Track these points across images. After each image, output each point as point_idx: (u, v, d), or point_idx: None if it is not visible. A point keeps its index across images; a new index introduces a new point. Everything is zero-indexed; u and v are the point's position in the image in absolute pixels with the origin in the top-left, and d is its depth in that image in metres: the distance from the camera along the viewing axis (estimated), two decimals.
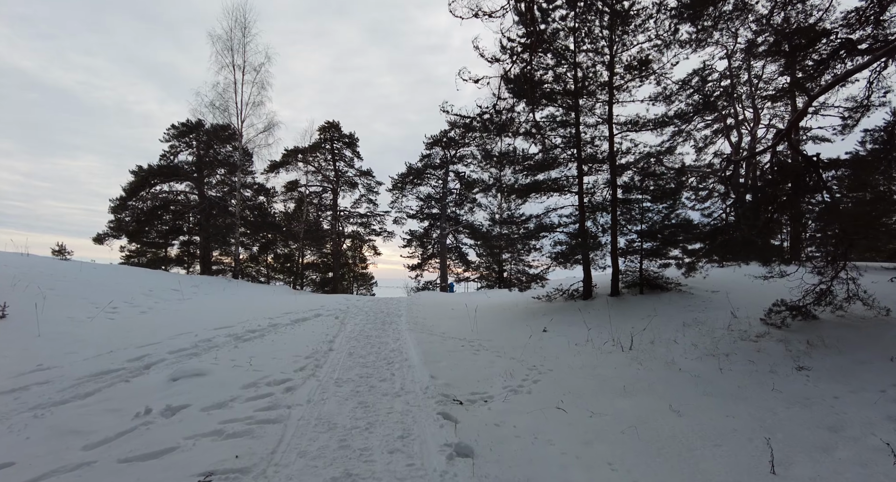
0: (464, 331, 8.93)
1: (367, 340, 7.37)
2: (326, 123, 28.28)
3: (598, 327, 8.99)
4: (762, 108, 23.60)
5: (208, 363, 5.32)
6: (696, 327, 8.37)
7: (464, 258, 32.96)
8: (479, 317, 10.45)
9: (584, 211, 12.35)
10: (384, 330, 8.31)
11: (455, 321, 10.14)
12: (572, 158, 12.79)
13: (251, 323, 8.17)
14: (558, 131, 13.09)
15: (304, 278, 31.10)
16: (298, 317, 9.01)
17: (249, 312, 9.67)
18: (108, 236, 21.81)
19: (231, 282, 17.17)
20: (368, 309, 11.15)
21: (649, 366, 6.48)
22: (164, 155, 23.72)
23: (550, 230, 12.53)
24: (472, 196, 31.40)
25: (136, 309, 11.43)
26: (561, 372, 6.20)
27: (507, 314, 11.19)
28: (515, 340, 8.28)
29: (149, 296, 13.21)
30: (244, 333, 7.17)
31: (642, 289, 11.96)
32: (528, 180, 13.08)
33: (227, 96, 18.85)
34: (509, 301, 13.64)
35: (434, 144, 30.45)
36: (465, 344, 7.61)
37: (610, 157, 12.02)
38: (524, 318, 10.73)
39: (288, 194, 28.68)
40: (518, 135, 13.22)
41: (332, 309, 10.53)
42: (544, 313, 11.18)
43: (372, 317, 9.67)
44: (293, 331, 7.58)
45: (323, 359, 5.93)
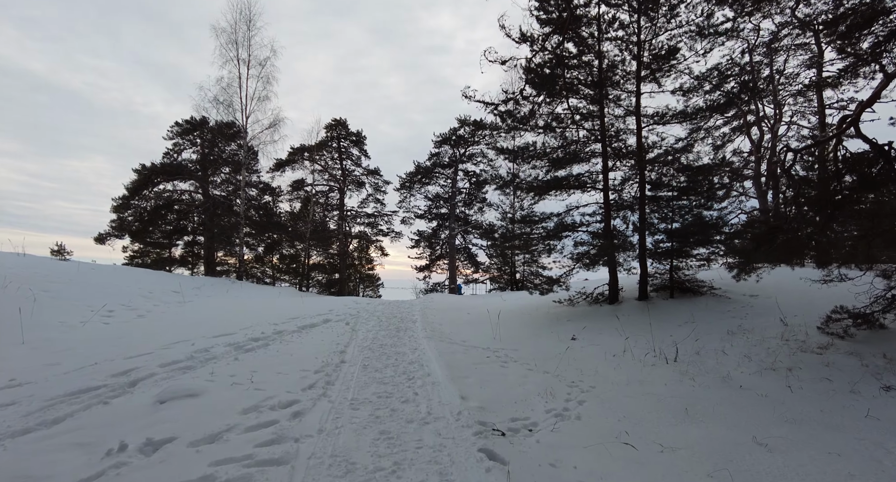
0: (485, 338, 8.18)
1: (381, 350, 6.63)
2: (333, 121, 27.63)
3: (632, 335, 8.20)
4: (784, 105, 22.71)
5: (203, 379, 4.59)
6: (742, 336, 7.57)
7: (473, 259, 32.21)
8: (500, 323, 9.69)
9: (609, 209, 11.56)
10: (399, 338, 7.58)
11: (474, 327, 9.39)
12: (596, 153, 12.02)
13: (254, 329, 7.46)
14: (581, 124, 12.31)
15: (309, 280, 30.45)
16: (306, 322, 8.29)
17: (253, 317, 8.97)
18: (109, 236, 21.25)
19: (235, 283, 16.53)
20: (380, 314, 10.41)
21: (703, 381, 5.69)
22: (168, 153, 23.16)
23: (573, 229, 11.74)
24: (483, 195, 30.66)
25: (134, 312, 10.78)
26: (605, 389, 5.42)
27: (528, 320, 10.42)
28: (544, 350, 7.51)
29: (148, 298, 12.57)
30: (246, 342, 6.45)
31: (673, 292, 11.16)
32: (547, 176, 12.30)
33: (232, 91, 18.25)
34: (528, 305, 12.86)
35: (443, 142, 29.75)
36: (491, 354, 6.85)
37: (638, 151, 11.23)
38: (548, 325, 9.95)
39: (294, 193, 28.07)
40: (537, 128, 12.44)
41: (342, 313, 9.80)
42: (569, 319, 10.40)
43: (385, 323, 8.94)
44: (300, 340, 6.86)
45: (335, 374, 5.19)
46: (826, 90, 20.47)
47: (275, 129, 19.40)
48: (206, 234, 24.07)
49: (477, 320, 10.32)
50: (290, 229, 26.92)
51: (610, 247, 11.15)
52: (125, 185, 21.87)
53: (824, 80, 20.20)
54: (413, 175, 30.14)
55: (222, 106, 18.04)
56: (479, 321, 10.18)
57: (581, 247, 11.99)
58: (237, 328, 7.63)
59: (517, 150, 11.86)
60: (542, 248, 11.85)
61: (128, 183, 21.95)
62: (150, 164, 21.97)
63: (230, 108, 18.30)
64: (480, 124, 28.37)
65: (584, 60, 11.23)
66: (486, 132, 29.02)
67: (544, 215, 12.02)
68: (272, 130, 19.31)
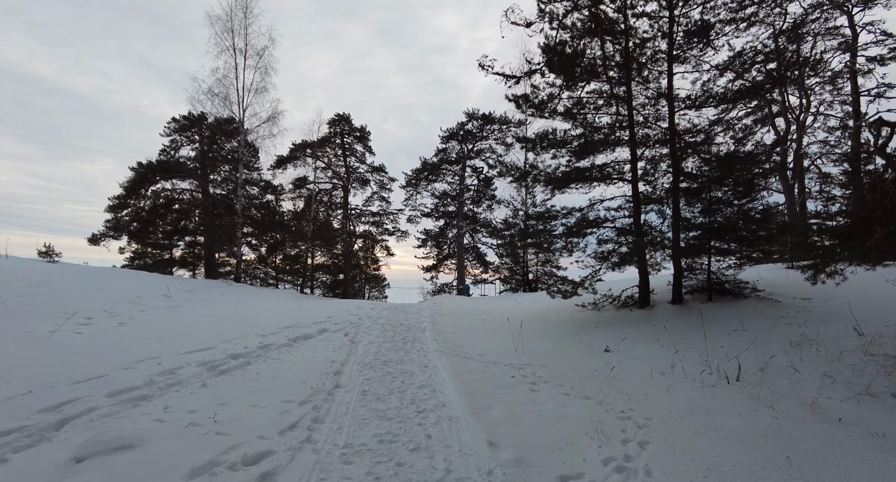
0: (506, 351, 7.07)
1: (385, 368, 5.55)
2: (336, 116, 26.63)
3: (677, 346, 7.06)
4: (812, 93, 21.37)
5: (152, 418, 3.53)
6: (811, 348, 6.40)
7: (482, 259, 31.10)
8: (521, 331, 8.58)
9: (639, 202, 10.40)
10: (407, 351, 6.49)
11: (491, 337, 8.29)
12: (623, 141, 10.86)
13: (238, 343, 6.40)
14: (606, 109, 11.15)
15: (313, 281, 29.47)
16: (299, 333, 7.22)
17: (241, 326, 7.93)
18: (104, 236, 20.38)
19: (231, 286, 15.55)
20: (385, 320, 9.32)
21: (786, 411, 4.55)
22: (165, 150, 22.26)
23: (598, 225, 10.60)
24: (492, 192, 29.54)
25: (115, 319, 9.80)
26: (667, 422, 4.30)
27: (550, 327, 9.30)
28: (577, 366, 6.39)
29: (134, 303, 11.60)
30: (224, 360, 5.40)
31: (710, 295, 9.98)
32: (568, 167, 11.14)
33: (228, 83, 17.26)
34: (547, 309, 11.73)
35: (450, 138, 28.66)
36: (516, 373, 5.74)
37: (671, 137, 10.06)
38: (574, 333, 8.82)
39: (296, 192, 27.07)
40: (556, 115, 11.29)
41: (341, 321, 8.72)
42: (596, 325, 9.27)
43: (390, 332, 7.84)
44: (289, 357, 5.80)
45: (325, 406, 4.11)
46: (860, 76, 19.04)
47: (274, 123, 18.43)
48: (206, 234, 23.16)
49: (493, 327, 9.21)
50: (292, 229, 25.96)
51: (641, 245, 10.00)
52: (121, 184, 20.99)
53: (858, 67, 18.78)
54: (419, 172, 29.08)
55: (218, 98, 17.09)
56: (495, 328, 9.08)
57: (606, 246, 10.87)
58: (219, 340, 6.58)
59: (536, 137, 10.72)
60: (564, 247, 10.71)
61: (124, 181, 21.06)
62: (146, 162, 21.07)
63: (226, 101, 17.34)
64: (489, 118, 27.24)
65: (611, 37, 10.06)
66: (496, 127, 27.92)
67: (565, 210, 10.87)
68: (271, 124, 18.33)
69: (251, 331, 7.27)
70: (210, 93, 16.85)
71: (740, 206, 9.67)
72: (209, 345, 6.22)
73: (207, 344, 6.29)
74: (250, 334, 7.08)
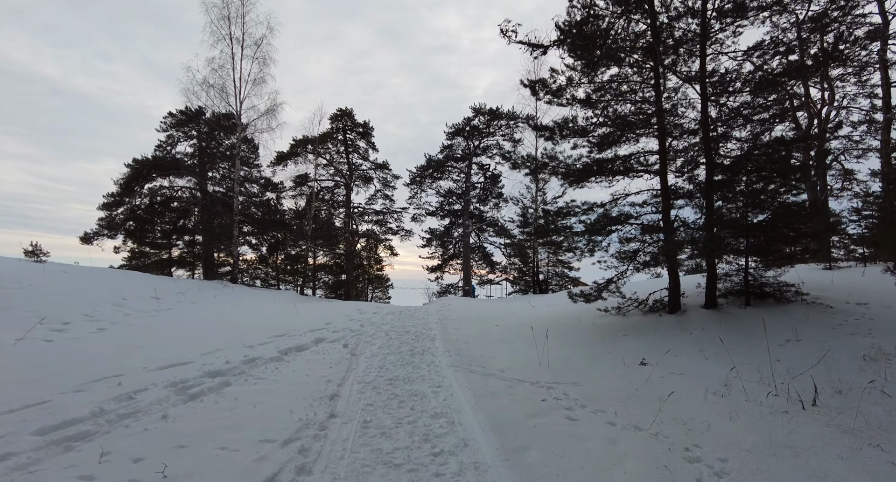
0: (529, 364, 6.15)
1: (391, 390, 4.64)
2: (339, 111, 25.75)
3: (722, 358, 6.12)
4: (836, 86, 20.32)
5: (76, 476, 2.63)
6: (891, 364, 5.45)
7: (488, 258, 30.18)
8: (541, 338, 7.66)
9: (668, 197, 9.46)
10: (416, 366, 5.58)
11: (509, 346, 7.37)
12: (649, 130, 9.93)
13: (219, 356, 5.52)
14: (629, 96, 10.22)
15: (315, 281, 28.62)
16: (292, 343, 6.32)
17: (228, 335, 7.05)
18: (97, 235, 19.58)
19: (227, 287, 14.70)
20: (389, 327, 8.40)
21: None
22: (161, 145, 21.45)
23: (623, 222, 9.66)
24: (498, 190, 28.61)
25: (94, 324, 8.97)
26: (748, 468, 3.38)
27: (572, 334, 8.37)
28: (613, 383, 5.47)
29: (119, 306, 10.76)
30: (198, 379, 4.51)
31: (749, 299, 9.03)
32: (590, 158, 10.20)
33: (224, 73, 16.40)
34: (565, 313, 10.79)
35: (456, 134, 27.75)
36: (546, 394, 4.82)
37: (703, 124, 9.11)
38: (600, 342, 7.89)
39: (297, 189, 26.21)
40: (575, 102, 10.36)
41: (340, 328, 7.81)
42: (624, 333, 8.33)
43: (395, 342, 6.93)
44: (276, 375, 4.89)
45: (315, 447, 3.21)
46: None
47: (272, 116, 17.55)
48: (205, 233, 22.36)
49: (510, 335, 8.29)
50: (293, 228, 25.11)
51: (672, 244, 9.06)
52: (115, 180, 20.21)
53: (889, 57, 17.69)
54: (424, 169, 28.19)
55: (213, 89, 16.22)
56: (512, 336, 8.16)
57: (630, 244, 9.95)
58: (199, 352, 5.69)
59: (555, 125, 9.79)
60: (585, 246, 9.77)
61: (118, 178, 20.27)
62: (141, 157, 20.27)
63: (223, 93, 16.47)
64: (497, 113, 26.32)
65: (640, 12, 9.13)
66: (503, 122, 26.99)
67: (586, 205, 9.93)
68: (269, 116, 17.45)
69: (237, 341, 6.38)
70: (205, 83, 16.02)
71: (783, 201, 8.74)
72: (186, 358, 5.33)
73: (184, 357, 5.40)
74: (236, 344, 6.19)
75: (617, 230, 9.63)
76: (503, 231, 27.84)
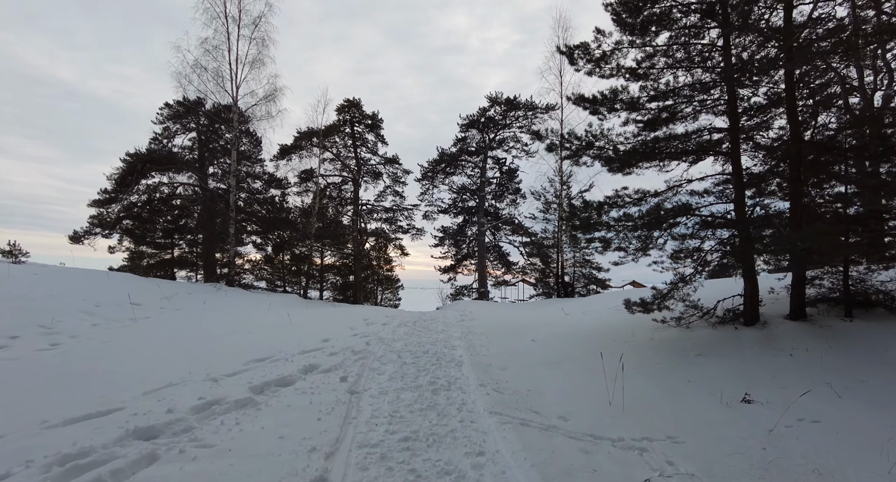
0: (596, 403, 4.49)
1: (409, 463, 2.96)
2: (346, 102, 24.20)
3: (876, 400, 4.39)
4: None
5: None
6: None
7: (504, 258, 28.42)
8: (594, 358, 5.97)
9: (741, 184, 7.72)
10: (442, 412, 3.92)
11: (558, 371, 5.70)
12: (718, 102, 8.20)
13: (165, 397, 3.93)
14: (686, 64, 8.49)
15: (322, 283, 27.10)
16: (271, 374, 4.67)
17: (197, 357, 5.49)
18: (88, 234, 18.24)
19: (220, 290, 13.22)
20: (402, 344, 6.74)
21: None
22: (156, 138, 20.08)
23: (687, 213, 7.94)
24: (516, 185, 26.85)
25: (47, 339, 7.50)
26: None
27: (632, 353, 6.66)
28: (725, 437, 3.78)
29: (90, 314, 9.31)
30: (106, 451, 2.88)
31: (850, 309, 7.25)
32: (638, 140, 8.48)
33: (219, 55, 14.90)
34: (610, 323, 9.08)
35: (470, 126, 26.02)
36: (640, 464, 3.15)
37: (788, 92, 7.36)
38: (671, 364, 6.18)
39: (303, 185, 24.71)
40: (621, 71, 8.66)
41: (340, 347, 6.17)
42: (697, 352, 6.61)
43: (411, 369, 5.26)
44: (234, 438, 3.14)
45: None
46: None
47: (272, 101, 16.03)
48: (204, 232, 20.97)
49: (554, 354, 6.61)
50: (299, 226, 23.63)
51: (747, 242, 7.32)
52: (108, 175, 18.86)
53: None
54: (436, 164, 26.50)
55: (207, 73, 14.74)
56: (558, 356, 6.48)
57: (689, 241, 8.24)
58: (141, 391, 4.11)
59: (601, 96, 8.09)
60: (638, 244, 8.05)
61: (111, 172, 18.94)
62: (135, 151, 18.92)
63: (218, 77, 15.00)
64: (514, 103, 24.55)
65: None
66: (520, 113, 25.24)
67: (638, 195, 8.22)
68: (268, 102, 15.93)
69: (203, 369, 4.80)
70: (197, 66, 14.54)
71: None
72: (117, 401, 3.74)
73: (116, 399, 3.82)
74: (198, 375, 4.60)
75: (679, 223, 7.90)
76: (521, 229, 26.09)
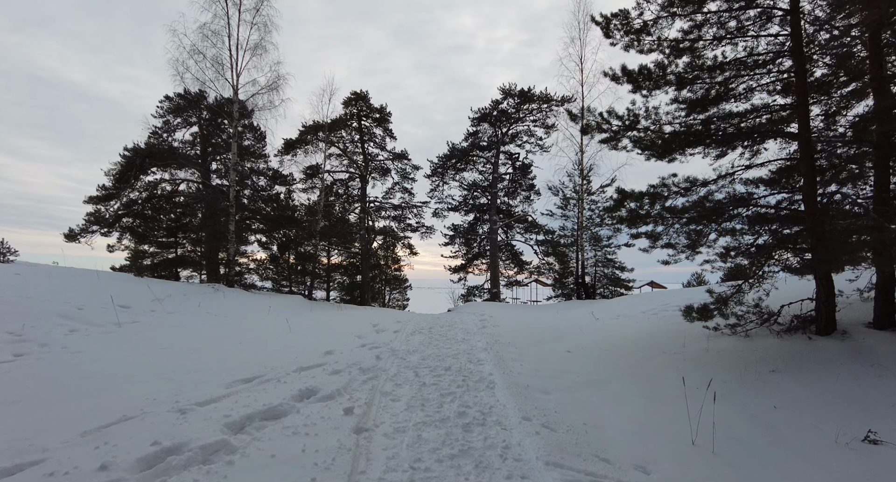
0: (678, 445, 3.43)
1: None
2: (352, 95, 23.22)
3: None
4: None
5: None
6: None
7: (517, 258, 27.33)
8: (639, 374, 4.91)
9: (814, 171, 6.58)
10: (479, 464, 2.72)
11: (610, 393, 4.66)
12: (780, 76, 7.09)
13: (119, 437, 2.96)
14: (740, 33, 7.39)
15: (329, 283, 26.17)
16: (258, 403, 3.62)
17: (171, 375, 4.52)
18: (85, 232, 17.42)
19: (218, 291, 12.30)
20: (418, 358, 5.69)
21: None
22: (156, 132, 19.23)
23: (746, 204, 6.84)
24: (529, 181, 25.74)
25: (11, 349, 6.59)
26: None
27: (692, 369, 5.59)
28: None
29: (70, 319, 8.40)
30: None
31: None
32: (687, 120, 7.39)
33: (218, 41, 13.97)
34: (651, 331, 7.98)
35: (482, 120, 24.96)
36: None
37: (871, 58, 6.24)
38: (743, 383, 5.11)
39: (309, 182, 23.79)
40: (662, 44, 7.58)
41: (346, 362, 5.14)
42: (769, 366, 5.54)
43: (433, 394, 4.18)
44: None
45: None
46: None
47: (275, 91, 15.07)
48: (207, 230, 20.13)
49: (600, 370, 5.56)
50: (304, 225, 22.72)
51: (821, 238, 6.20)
52: (105, 171, 18.06)
53: None
54: (447, 159, 25.48)
55: (206, 60, 13.82)
56: (604, 373, 5.43)
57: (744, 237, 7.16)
58: (82, 428, 3.13)
59: (644, 70, 7.01)
60: (687, 241, 6.96)
61: (108, 168, 18.13)
62: (133, 145, 18.10)
63: (217, 64, 14.07)
64: (528, 95, 23.45)
65: None
66: (534, 106, 24.13)
67: (688, 182, 7.12)
68: (271, 91, 14.98)
69: (171, 394, 3.81)
70: (194, 52, 13.62)
71: None
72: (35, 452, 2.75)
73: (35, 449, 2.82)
74: (165, 402, 3.62)
75: (737, 215, 6.79)
76: (535, 226, 24.99)
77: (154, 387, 4.09)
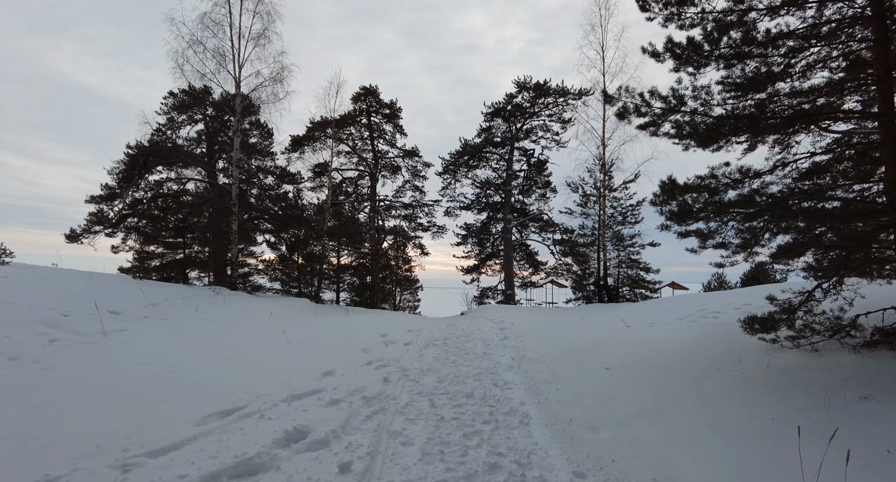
0: None
1: None
2: (362, 90, 22.46)
3: None
4: None
5: None
6: None
7: (532, 258, 26.36)
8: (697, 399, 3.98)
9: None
10: None
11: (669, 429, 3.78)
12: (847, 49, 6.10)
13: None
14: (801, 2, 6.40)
15: (339, 284, 25.47)
16: (230, 452, 2.79)
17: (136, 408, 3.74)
18: (87, 232, 16.89)
19: (218, 295, 11.60)
20: (434, 381, 4.80)
21: None
22: (159, 129, 18.67)
23: (817, 198, 5.85)
24: (545, 179, 24.77)
25: None
26: None
27: (756, 393, 4.65)
28: None
29: (51, 327, 7.70)
30: None
31: None
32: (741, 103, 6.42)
33: (219, 31, 13.29)
34: (693, 342, 7.00)
35: (495, 115, 24.03)
36: None
37: None
38: (826, 413, 4.15)
39: (317, 180, 23.10)
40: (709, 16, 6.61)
41: (347, 389, 4.27)
42: (857, 390, 4.56)
43: (453, 432, 3.23)
44: None
45: None
46: None
47: (279, 83, 14.34)
48: (212, 230, 19.53)
49: (650, 396, 4.65)
50: (312, 224, 22.03)
51: None
52: (108, 169, 17.53)
53: None
54: (459, 156, 24.60)
55: (206, 51, 13.14)
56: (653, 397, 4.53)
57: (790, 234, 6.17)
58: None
59: (691, 43, 6.06)
60: (747, 237, 5.99)
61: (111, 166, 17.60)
62: (136, 143, 17.53)
63: (219, 56, 13.39)
64: (544, 89, 22.47)
65: None
66: (550, 100, 23.12)
67: (743, 171, 6.16)
68: (275, 83, 14.25)
69: (121, 437, 3.02)
70: (194, 42, 12.94)
71: None
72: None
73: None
74: (106, 454, 2.79)
75: (812, 208, 5.80)
76: (552, 225, 24.01)
77: (105, 424, 3.29)
